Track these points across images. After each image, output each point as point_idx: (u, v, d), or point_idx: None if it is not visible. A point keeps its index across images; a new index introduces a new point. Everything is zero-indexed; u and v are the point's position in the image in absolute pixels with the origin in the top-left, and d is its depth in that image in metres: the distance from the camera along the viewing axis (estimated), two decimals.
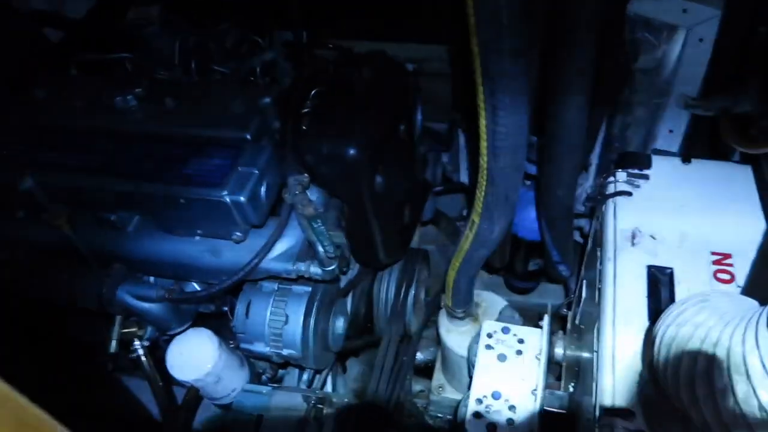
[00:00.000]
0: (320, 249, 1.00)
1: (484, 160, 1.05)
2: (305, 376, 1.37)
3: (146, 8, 1.46)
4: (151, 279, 1.20)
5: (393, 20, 1.77)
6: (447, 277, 1.43)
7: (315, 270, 1.06)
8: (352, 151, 1.06)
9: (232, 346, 1.26)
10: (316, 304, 1.15)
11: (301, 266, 1.07)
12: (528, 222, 1.60)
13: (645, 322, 0.95)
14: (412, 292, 1.54)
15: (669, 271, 1.01)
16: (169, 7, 1.43)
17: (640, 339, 0.93)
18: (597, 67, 1.09)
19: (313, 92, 1.24)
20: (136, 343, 1.20)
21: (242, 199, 1.00)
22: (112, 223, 1.12)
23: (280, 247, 1.09)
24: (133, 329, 1.19)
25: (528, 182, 1.53)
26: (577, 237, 1.69)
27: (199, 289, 1.20)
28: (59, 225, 1.05)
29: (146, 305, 1.10)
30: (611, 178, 1.22)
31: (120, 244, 1.15)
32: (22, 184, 1.08)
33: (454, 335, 1.46)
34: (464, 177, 2.04)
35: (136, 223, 1.15)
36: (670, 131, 1.42)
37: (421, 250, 1.65)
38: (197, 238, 1.11)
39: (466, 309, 1.43)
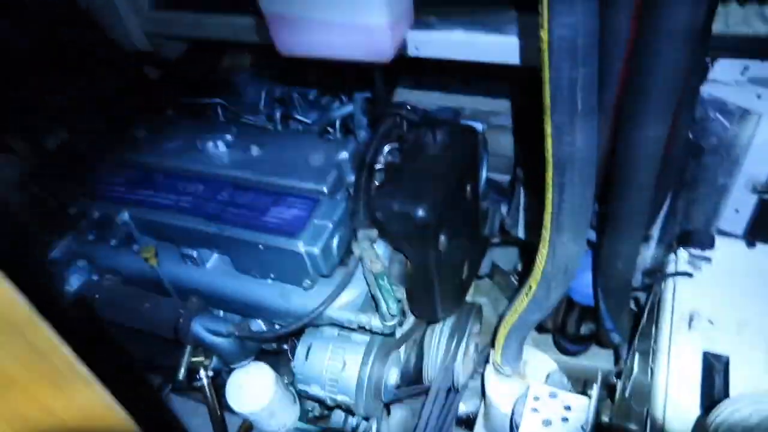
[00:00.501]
0: (383, 305, 1.05)
1: (547, 232, 1.09)
2: (351, 420, 1.41)
3: (239, 56, 1.59)
4: (221, 313, 1.28)
5: (465, 76, 1.84)
6: (498, 333, 1.45)
7: (376, 324, 1.11)
8: (420, 212, 1.11)
9: (286, 382, 1.32)
10: (373, 354, 1.20)
11: (363, 318, 1.12)
12: (584, 287, 1.61)
13: (697, 411, 0.95)
14: (462, 345, 1.57)
15: (725, 359, 1.02)
16: (259, 57, 1.55)
17: (690, 427, 0.93)
18: (666, 142, 1.11)
19: (387, 149, 1.31)
20: (202, 372, 1.28)
21: (316, 251, 1.07)
22: (194, 259, 1.21)
23: (345, 297, 1.15)
24: (200, 359, 1.27)
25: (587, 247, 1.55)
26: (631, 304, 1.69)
27: (264, 327, 1.27)
28: (147, 258, 1.14)
29: (216, 339, 1.17)
30: (672, 256, 1.23)
31: (198, 279, 1.24)
32: (118, 217, 1.19)
33: (500, 392, 1.47)
34: (522, 232, 2.06)
35: (215, 261, 1.23)
36: (737, 211, 1.41)
37: (474, 304, 1.68)
38: (269, 281, 1.18)
39: (513, 367, 1.45)
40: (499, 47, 1.35)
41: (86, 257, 1.32)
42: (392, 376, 1.24)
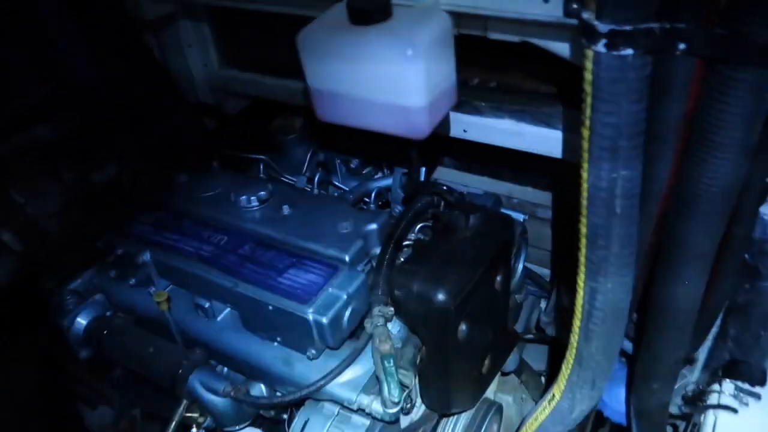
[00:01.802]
0: (385, 390, 0.98)
1: (574, 339, 1.01)
2: None
3: (291, 118, 1.62)
4: (225, 370, 1.24)
5: (514, 165, 1.81)
6: None
7: (377, 408, 1.04)
8: (441, 297, 1.06)
9: None
10: None
11: (364, 400, 1.05)
12: (616, 403, 1.48)
13: None
14: None
15: None
16: (309, 120, 1.58)
17: None
18: (717, 257, 1.02)
19: (419, 227, 1.28)
20: (194, 430, 1.23)
21: (324, 320, 1.02)
22: (206, 310, 1.19)
23: (350, 373, 1.09)
24: (195, 415, 1.22)
25: (623, 359, 1.43)
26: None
27: (264, 392, 1.21)
28: (159, 302, 1.12)
29: (212, 397, 1.13)
30: (716, 386, 1.11)
31: (207, 331, 1.20)
32: (139, 257, 1.19)
33: None
34: (556, 331, 1.94)
35: (226, 316, 1.20)
36: None
37: (495, 403, 1.57)
38: (275, 344, 1.14)
39: None
40: (545, 139, 1.32)
41: (105, 292, 1.32)
42: None
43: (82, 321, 1.28)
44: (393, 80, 0.92)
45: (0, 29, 1.70)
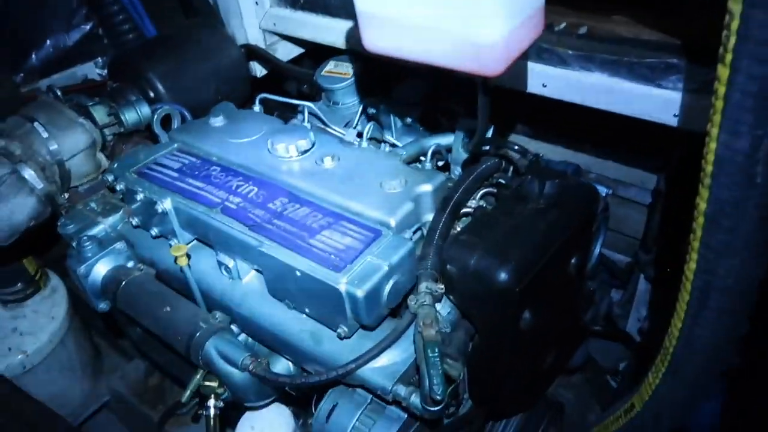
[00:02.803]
0: (426, 383, 0.81)
1: (670, 343, 0.80)
2: None
3: (345, 64, 1.44)
4: (248, 340, 1.10)
5: (595, 133, 1.56)
6: None
7: (415, 402, 0.86)
8: (503, 276, 0.87)
9: None
10: None
11: (401, 390, 0.88)
12: (705, 416, 1.25)
13: None
14: None
15: None
16: (364, 69, 1.39)
17: None
18: None
19: (481, 192, 1.08)
20: (211, 401, 1.10)
21: (359, 294, 0.85)
22: (228, 269, 1.04)
23: (387, 358, 0.92)
24: (214, 384, 1.09)
25: None
26: None
27: (290, 369, 1.07)
28: (178, 257, 0.98)
29: (228, 369, 0.98)
30: None
31: (230, 293, 1.06)
32: (160, 204, 1.06)
33: None
34: (633, 326, 1.71)
35: (252, 278, 1.06)
36: None
37: (555, 402, 1.37)
38: (304, 316, 0.98)
39: None
40: (645, 99, 1.08)
41: (127, 241, 1.19)
42: None
43: (100, 270, 1.17)
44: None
45: None
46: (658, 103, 1.07)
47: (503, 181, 1.10)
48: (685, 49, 1.05)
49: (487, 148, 1.11)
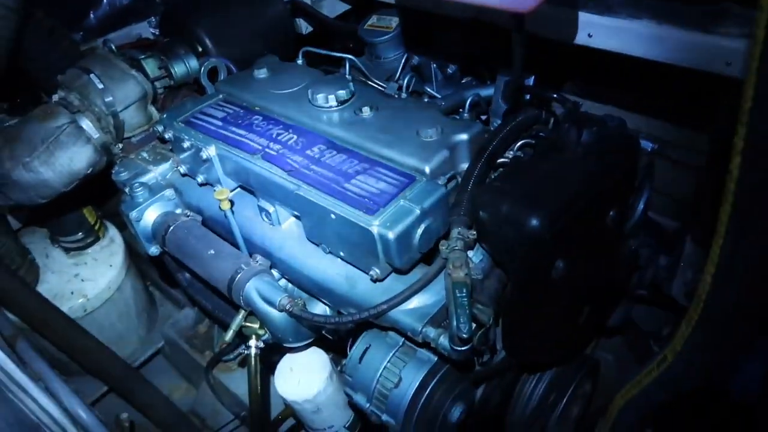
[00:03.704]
0: (454, 323, 0.82)
1: (704, 290, 0.78)
2: None
3: (387, 18, 1.44)
4: (289, 285, 1.14)
5: (643, 89, 1.51)
6: (612, 404, 1.14)
7: (443, 342, 0.88)
8: (534, 222, 0.86)
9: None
10: (436, 379, 0.97)
11: (430, 332, 0.90)
12: (749, 380, 1.22)
13: None
14: (561, 404, 1.27)
15: None
16: (407, 21, 1.39)
17: None
18: None
19: (519, 144, 1.07)
20: (252, 340, 1.15)
21: (391, 235, 0.87)
22: (269, 215, 1.08)
23: (418, 301, 0.94)
24: (255, 326, 1.14)
25: None
26: None
27: (329, 312, 1.10)
28: (221, 201, 1.03)
29: (267, 308, 1.03)
30: None
31: (270, 238, 1.10)
32: (204, 152, 1.10)
33: None
34: (678, 291, 1.67)
35: (292, 224, 1.09)
36: None
37: (590, 358, 1.37)
38: (339, 260, 1.01)
39: None
40: (697, 48, 1.04)
41: (175, 189, 1.25)
42: (454, 414, 1.00)
43: (150, 215, 1.23)
44: None
45: None
46: (709, 50, 1.02)
47: (543, 133, 1.09)
48: None
49: (528, 98, 1.10)
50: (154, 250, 1.27)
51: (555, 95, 1.04)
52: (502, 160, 1.04)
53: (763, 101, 0.61)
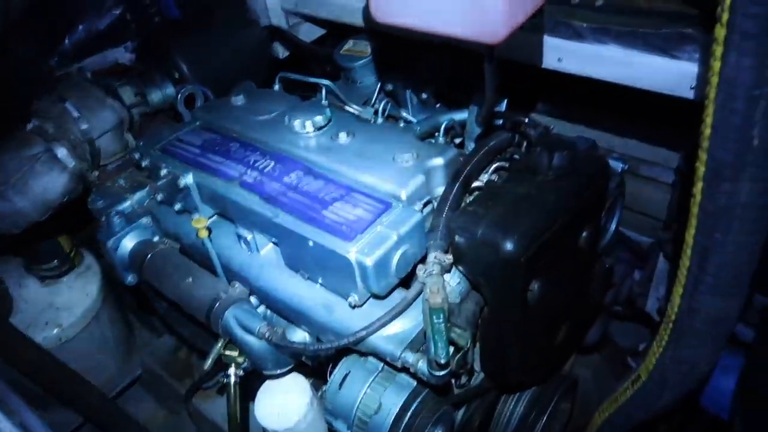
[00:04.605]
0: (432, 349, 0.83)
1: (673, 309, 0.80)
2: None
3: (363, 43, 1.46)
4: (267, 312, 1.14)
5: (615, 109, 1.55)
6: (591, 421, 1.16)
7: (422, 368, 0.89)
8: (509, 246, 0.88)
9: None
10: (416, 403, 0.97)
11: (409, 357, 0.91)
12: (719, 394, 1.25)
13: None
14: (541, 422, 1.28)
15: None
16: (383, 46, 1.41)
17: None
18: None
19: (493, 167, 1.09)
20: (232, 369, 1.15)
21: (368, 262, 0.88)
22: (247, 242, 1.08)
23: (397, 326, 0.95)
24: (235, 353, 1.13)
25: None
26: None
27: (308, 339, 1.10)
28: (199, 229, 1.03)
29: (246, 337, 1.02)
30: None
31: (248, 265, 1.10)
32: (182, 179, 1.10)
33: None
34: (653, 306, 1.70)
35: (270, 251, 1.09)
36: None
37: (569, 377, 1.38)
38: (317, 285, 1.01)
39: None
40: (661, 71, 1.07)
41: (153, 216, 1.25)
42: None
43: (127, 244, 1.22)
44: None
45: None
46: (673, 75, 1.06)
47: (517, 156, 1.11)
48: (700, 18, 1.03)
49: (501, 122, 1.12)
50: (131, 279, 1.26)
51: (527, 119, 1.06)
52: (476, 183, 1.06)
53: (721, 128, 0.63)
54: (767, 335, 1.06)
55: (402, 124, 1.29)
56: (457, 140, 1.29)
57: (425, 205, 1.02)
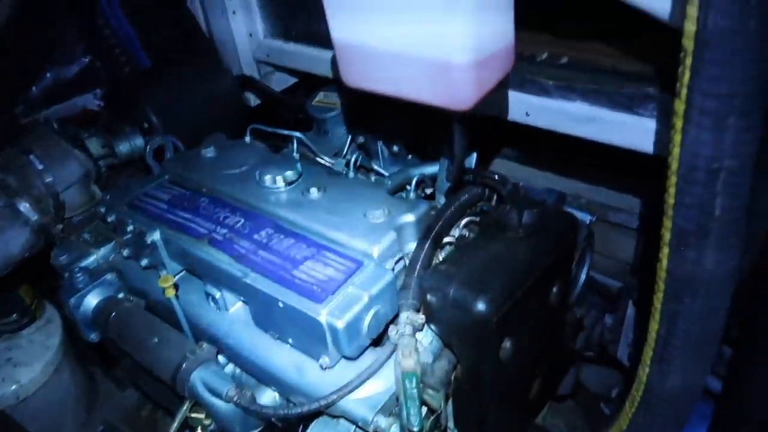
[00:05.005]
0: (404, 415, 0.82)
1: (644, 372, 0.80)
2: None
3: (334, 95, 1.47)
4: (236, 371, 1.11)
5: (582, 159, 1.58)
6: None
7: None
8: (480, 306, 0.88)
9: None
10: None
11: (381, 422, 0.89)
12: None
13: None
14: None
15: None
16: (354, 98, 1.42)
17: None
18: None
19: (464, 221, 1.10)
20: None
21: (339, 325, 0.86)
22: (215, 300, 1.06)
23: (369, 388, 0.93)
24: (201, 416, 1.10)
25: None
26: None
27: (276, 399, 1.07)
28: (166, 288, 1.00)
29: (214, 400, 0.99)
30: None
31: (217, 324, 1.08)
32: (149, 235, 1.08)
33: None
34: (623, 353, 1.71)
35: (239, 309, 1.07)
36: None
37: (542, 429, 1.37)
38: (288, 347, 0.99)
39: None
40: (624, 127, 1.10)
41: (118, 272, 1.21)
42: None
43: (91, 301, 1.18)
44: (431, 27, 0.74)
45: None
46: (636, 131, 1.09)
47: (486, 209, 1.12)
48: (660, 78, 1.07)
49: (470, 177, 1.13)
50: (93, 337, 1.21)
51: (496, 177, 1.08)
52: (447, 239, 1.06)
53: (684, 198, 0.65)
54: (735, 385, 1.07)
55: (373, 178, 1.29)
56: (428, 191, 1.30)
57: (397, 262, 1.02)
